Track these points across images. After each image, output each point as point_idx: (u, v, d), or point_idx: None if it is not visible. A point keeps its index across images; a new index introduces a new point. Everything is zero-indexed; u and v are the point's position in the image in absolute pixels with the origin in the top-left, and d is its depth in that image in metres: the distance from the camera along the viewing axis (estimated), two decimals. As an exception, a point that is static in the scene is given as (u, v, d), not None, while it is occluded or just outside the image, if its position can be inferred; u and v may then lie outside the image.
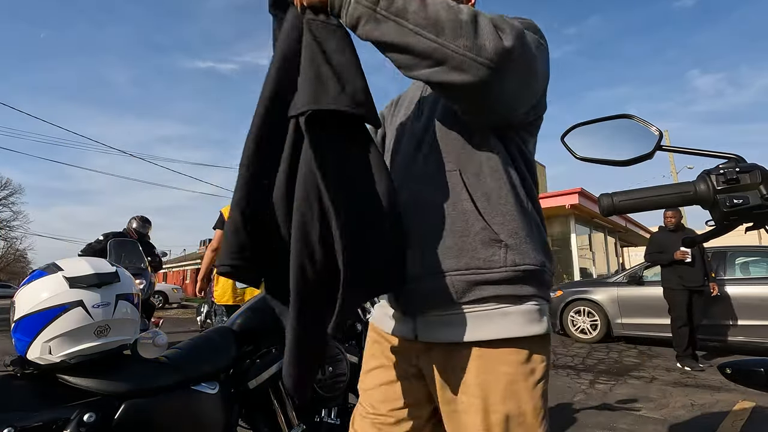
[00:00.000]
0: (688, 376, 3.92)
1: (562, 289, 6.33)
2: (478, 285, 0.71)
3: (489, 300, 0.72)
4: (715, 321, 4.75)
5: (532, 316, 0.72)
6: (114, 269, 1.06)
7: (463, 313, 0.72)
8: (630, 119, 0.69)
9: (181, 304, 14.99)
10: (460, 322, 0.72)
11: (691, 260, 4.21)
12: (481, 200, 0.73)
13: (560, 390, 3.49)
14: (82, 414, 0.87)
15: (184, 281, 28.80)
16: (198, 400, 1.07)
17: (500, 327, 0.71)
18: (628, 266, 13.20)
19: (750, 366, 0.67)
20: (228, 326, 1.27)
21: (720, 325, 4.75)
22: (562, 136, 0.74)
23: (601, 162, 0.68)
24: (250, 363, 1.22)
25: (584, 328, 5.86)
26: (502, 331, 0.70)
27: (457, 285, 0.72)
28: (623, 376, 3.93)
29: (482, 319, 0.71)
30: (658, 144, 0.64)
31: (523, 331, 0.71)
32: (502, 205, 0.73)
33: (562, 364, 4.52)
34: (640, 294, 5.43)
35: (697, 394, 3.34)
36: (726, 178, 0.56)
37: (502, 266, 0.71)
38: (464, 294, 0.72)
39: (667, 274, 4.45)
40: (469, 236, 0.72)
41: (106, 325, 0.98)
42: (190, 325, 8.00)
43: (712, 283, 4.48)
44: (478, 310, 0.72)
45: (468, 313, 0.72)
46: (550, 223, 12.34)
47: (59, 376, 0.92)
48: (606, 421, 2.74)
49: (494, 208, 0.73)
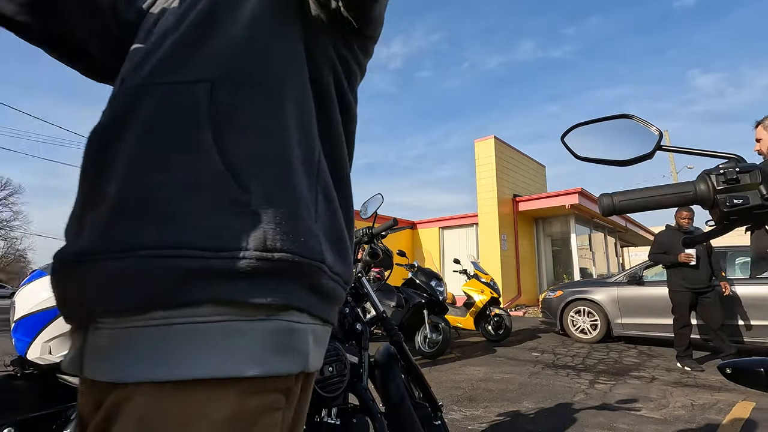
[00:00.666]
0: (688, 376, 3.93)
1: (562, 289, 6.33)
2: (188, 277, 0.39)
3: (203, 305, 0.39)
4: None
5: (280, 340, 0.42)
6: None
7: (152, 328, 0.39)
8: (630, 119, 0.69)
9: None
10: (144, 343, 0.39)
11: (696, 263, 4.18)
12: (231, 133, 0.44)
13: (560, 390, 3.49)
14: (82, 414, 0.87)
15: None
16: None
17: (218, 356, 0.39)
18: (628, 266, 13.20)
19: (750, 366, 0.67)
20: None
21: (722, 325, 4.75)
22: (562, 136, 0.74)
23: (601, 162, 0.68)
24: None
25: (584, 328, 5.86)
26: (220, 365, 0.38)
27: (152, 273, 0.39)
28: (623, 376, 3.93)
29: (186, 340, 0.39)
30: (658, 144, 0.64)
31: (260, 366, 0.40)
32: (268, 147, 0.45)
33: (562, 364, 4.52)
34: (640, 294, 5.43)
35: (697, 394, 3.34)
36: (726, 178, 0.56)
37: (237, 248, 0.40)
38: (162, 292, 0.39)
39: (671, 275, 4.43)
40: (191, 189, 0.41)
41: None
42: (190, 325, 7.99)
43: (724, 282, 4.40)
44: (180, 322, 0.39)
45: (162, 326, 0.39)
46: (550, 223, 12.35)
47: (59, 376, 0.92)
48: (606, 421, 2.74)
49: (252, 149, 0.44)
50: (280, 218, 0.43)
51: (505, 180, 11.64)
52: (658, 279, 5.57)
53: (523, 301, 11.20)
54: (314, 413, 1.27)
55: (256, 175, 0.44)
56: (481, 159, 11.56)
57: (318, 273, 0.45)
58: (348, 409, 1.37)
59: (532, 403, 3.12)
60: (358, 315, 1.62)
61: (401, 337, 1.69)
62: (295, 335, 0.44)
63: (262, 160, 0.45)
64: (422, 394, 1.75)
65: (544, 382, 3.77)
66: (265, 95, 0.48)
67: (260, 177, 0.44)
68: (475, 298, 5.83)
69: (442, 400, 1.80)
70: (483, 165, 11.48)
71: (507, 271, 10.82)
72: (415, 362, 1.72)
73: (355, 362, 1.45)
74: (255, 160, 0.44)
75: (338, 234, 0.50)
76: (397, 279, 5.57)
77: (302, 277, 0.44)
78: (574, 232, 11.38)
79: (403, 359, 1.70)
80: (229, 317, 0.40)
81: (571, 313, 6.02)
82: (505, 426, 2.67)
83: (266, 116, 0.47)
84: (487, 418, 2.80)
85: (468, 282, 6.07)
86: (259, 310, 0.41)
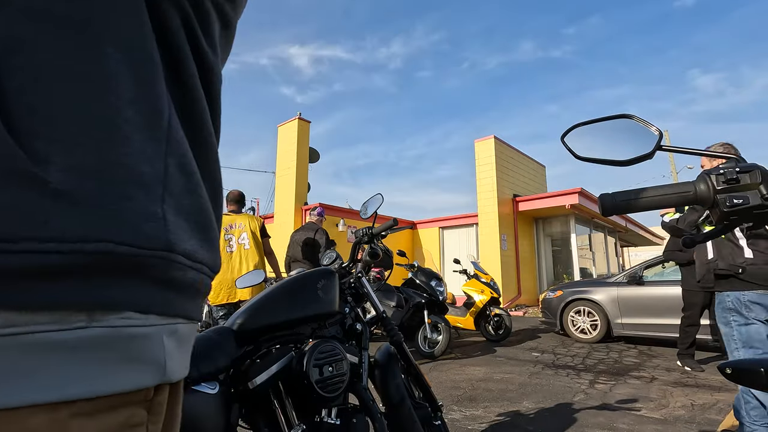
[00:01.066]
0: (688, 376, 3.92)
1: (562, 289, 6.33)
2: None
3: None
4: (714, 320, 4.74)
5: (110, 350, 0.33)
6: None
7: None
8: (630, 119, 0.69)
9: (181, 304, 14.97)
10: None
11: None
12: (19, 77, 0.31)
13: (560, 390, 3.49)
14: (82, 414, 0.87)
15: (184, 281, 28.77)
16: (198, 400, 1.07)
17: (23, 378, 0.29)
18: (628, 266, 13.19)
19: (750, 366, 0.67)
20: (228, 326, 1.27)
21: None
22: (562, 136, 0.74)
23: (601, 162, 0.68)
24: (250, 363, 1.22)
25: (584, 328, 5.86)
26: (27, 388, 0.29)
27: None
28: (623, 376, 3.93)
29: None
30: (658, 144, 0.64)
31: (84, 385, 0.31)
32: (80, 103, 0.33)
33: (562, 364, 4.52)
34: (640, 294, 5.43)
35: (697, 394, 3.34)
36: (726, 178, 0.56)
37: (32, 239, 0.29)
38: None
39: (685, 274, 4.36)
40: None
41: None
42: (190, 325, 8.00)
43: None
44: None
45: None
46: (550, 223, 12.35)
47: (59, 376, 0.92)
48: (606, 421, 2.74)
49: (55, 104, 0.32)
50: (99, 198, 0.32)
51: (505, 180, 11.64)
52: (657, 279, 5.57)
53: (523, 301, 11.20)
54: (314, 413, 1.27)
55: (60, 140, 0.31)
56: (481, 159, 11.55)
57: (165, 264, 0.36)
58: (348, 409, 1.37)
59: (532, 403, 3.12)
60: (358, 315, 1.62)
61: (401, 337, 1.69)
62: (136, 342, 0.35)
63: (71, 119, 0.32)
64: (422, 394, 1.75)
65: (544, 382, 3.77)
66: (77, 32, 0.34)
67: (67, 143, 0.32)
68: (475, 298, 5.83)
69: (442, 400, 1.80)
70: (483, 165, 11.48)
71: (507, 271, 10.81)
72: (415, 362, 1.72)
73: (355, 362, 1.45)
74: (59, 119, 0.32)
75: (201, 213, 0.41)
76: (397, 279, 5.57)
77: (139, 272, 0.35)
78: (574, 232, 11.38)
79: (403, 359, 1.70)
80: (28, 328, 0.29)
81: (571, 313, 6.02)
82: (505, 426, 2.67)
83: (79, 61, 0.34)
84: (487, 418, 2.80)
85: (468, 282, 6.07)
86: (73, 315, 0.31)
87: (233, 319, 1.29)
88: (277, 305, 1.36)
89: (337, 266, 1.68)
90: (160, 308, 0.37)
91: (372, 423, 1.40)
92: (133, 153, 0.35)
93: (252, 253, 3.49)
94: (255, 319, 1.30)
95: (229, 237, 3.47)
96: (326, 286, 1.46)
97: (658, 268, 5.90)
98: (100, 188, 0.33)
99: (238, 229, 3.50)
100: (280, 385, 1.23)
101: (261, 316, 1.31)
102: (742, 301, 2.09)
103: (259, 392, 1.19)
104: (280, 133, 12.13)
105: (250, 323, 1.28)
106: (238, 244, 3.48)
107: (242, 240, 3.49)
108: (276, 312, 1.34)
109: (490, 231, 10.98)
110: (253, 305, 1.34)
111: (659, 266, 5.91)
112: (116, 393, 0.33)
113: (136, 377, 0.34)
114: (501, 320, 5.79)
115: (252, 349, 1.27)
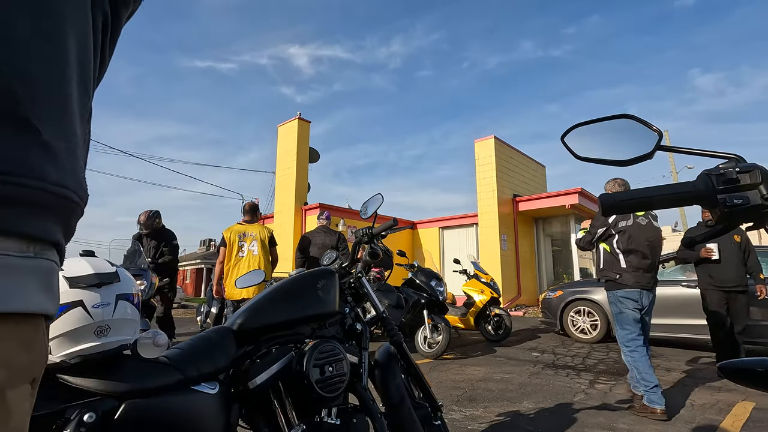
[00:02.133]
0: (689, 376, 3.93)
1: (562, 289, 6.33)
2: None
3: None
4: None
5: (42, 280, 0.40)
6: (114, 269, 1.06)
7: None
8: (630, 119, 0.69)
9: (181, 304, 14.98)
10: None
11: (718, 257, 4.05)
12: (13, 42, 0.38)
13: (560, 390, 3.49)
14: (82, 414, 0.87)
15: (184, 281, 28.81)
16: (198, 400, 1.07)
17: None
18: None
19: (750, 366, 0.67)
20: (228, 326, 1.27)
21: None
22: (562, 136, 0.74)
23: (601, 162, 0.68)
24: (250, 363, 1.22)
25: (584, 328, 5.86)
26: None
27: None
28: (623, 376, 3.93)
29: None
30: (658, 144, 0.64)
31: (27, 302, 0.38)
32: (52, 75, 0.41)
33: (562, 364, 4.52)
34: (640, 294, 5.43)
35: (697, 394, 3.34)
36: (726, 178, 0.56)
37: (19, 174, 0.37)
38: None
39: (699, 273, 4.28)
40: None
41: (106, 325, 0.98)
42: (190, 325, 8.00)
43: (759, 286, 4.15)
44: None
45: None
46: (550, 223, 12.35)
47: (59, 376, 0.92)
48: (606, 421, 2.74)
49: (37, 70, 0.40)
50: (67, 155, 0.41)
51: (505, 180, 11.63)
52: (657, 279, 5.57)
53: (523, 301, 11.20)
54: (314, 413, 1.27)
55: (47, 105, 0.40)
56: (481, 159, 11.55)
57: (76, 215, 0.45)
58: (348, 409, 1.37)
59: (532, 403, 3.12)
60: (358, 315, 1.62)
61: (401, 337, 1.69)
62: (53, 275, 0.42)
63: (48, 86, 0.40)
64: (422, 394, 1.75)
65: (544, 382, 3.77)
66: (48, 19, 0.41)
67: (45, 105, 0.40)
68: (475, 298, 5.83)
69: (442, 400, 1.80)
70: (483, 165, 11.48)
71: (507, 271, 10.81)
72: (415, 362, 1.72)
73: (355, 362, 1.45)
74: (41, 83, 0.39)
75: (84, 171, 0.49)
76: (397, 279, 5.57)
77: (66, 217, 0.43)
78: (574, 232, 11.37)
79: (403, 359, 1.70)
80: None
81: (571, 313, 6.02)
82: (505, 426, 2.67)
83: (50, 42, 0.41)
84: (487, 418, 2.80)
85: (468, 282, 6.07)
86: (31, 246, 0.39)
87: (233, 319, 1.29)
88: (277, 305, 1.36)
89: (337, 266, 1.68)
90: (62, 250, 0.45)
91: (372, 423, 1.40)
92: (77, 127, 0.44)
93: (259, 259, 4.05)
94: (255, 319, 1.30)
95: (242, 244, 4.07)
96: (326, 286, 1.46)
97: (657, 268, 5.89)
98: (67, 146, 0.42)
99: (249, 238, 4.10)
100: (280, 385, 1.23)
101: (261, 316, 1.31)
102: (618, 296, 3.03)
103: (259, 392, 1.19)
104: (280, 133, 12.13)
105: (250, 323, 1.28)
106: (248, 250, 4.06)
107: (252, 247, 4.07)
108: (276, 312, 1.34)
109: (490, 231, 10.98)
110: (253, 305, 1.34)
111: (659, 266, 5.90)
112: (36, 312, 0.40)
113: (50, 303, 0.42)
114: (501, 320, 5.78)
115: (252, 349, 1.27)
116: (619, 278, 3.01)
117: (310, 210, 10.93)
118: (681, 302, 5.07)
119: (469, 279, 6.10)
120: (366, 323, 1.60)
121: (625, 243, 3.01)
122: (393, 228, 1.77)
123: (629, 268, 2.98)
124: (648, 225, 3.06)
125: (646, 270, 2.99)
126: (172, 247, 4.89)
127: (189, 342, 1.18)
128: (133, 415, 0.94)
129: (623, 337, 3.00)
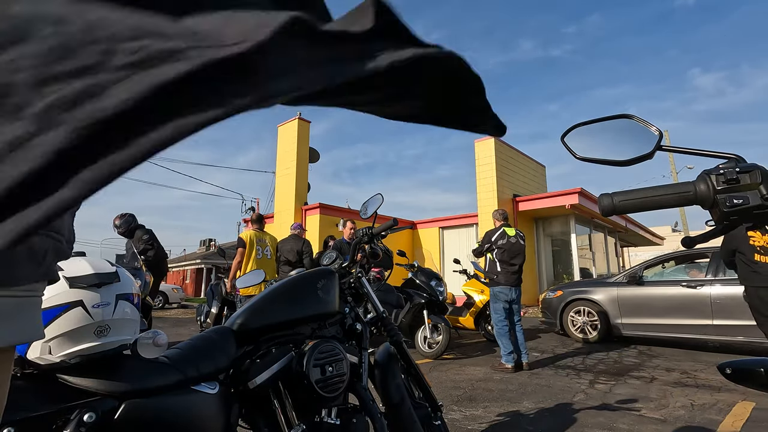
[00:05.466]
0: (689, 376, 3.92)
1: (562, 289, 6.33)
2: None
3: None
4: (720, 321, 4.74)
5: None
6: (114, 269, 1.06)
7: None
8: (630, 119, 0.69)
9: (181, 304, 14.98)
10: None
11: None
12: None
13: (560, 390, 3.49)
14: (82, 414, 0.87)
15: (184, 281, 28.80)
16: (198, 400, 1.07)
17: None
18: (628, 266, 13.19)
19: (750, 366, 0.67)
20: (228, 326, 1.27)
21: (722, 326, 4.75)
22: (562, 136, 0.74)
23: (601, 162, 0.68)
24: (250, 363, 1.22)
25: (584, 328, 5.86)
26: None
27: None
28: (623, 376, 3.93)
29: None
30: (658, 144, 0.64)
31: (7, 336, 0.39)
32: None
33: (562, 364, 4.52)
34: (640, 294, 5.43)
35: (697, 394, 3.34)
36: (726, 178, 0.56)
37: None
38: None
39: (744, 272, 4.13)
40: None
41: (106, 325, 0.98)
42: (190, 325, 8.00)
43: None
44: None
45: None
46: (550, 223, 12.35)
47: (59, 376, 0.92)
48: (606, 421, 2.74)
49: None
50: None
51: (505, 180, 11.63)
52: (657, 279, 5.57)
53: (523, 301, 11.18)
54: (314, 413, 1.27)
55: None
56: (481, 159, 11.55)
57: None
58: (348, 409, 1.37)
59: (532, 403, 3.12)
60: (358, 315, 1.62)
61: (401, 337, 1.69)
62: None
63: None
64: (422, 394, 1.75)
65: (544, 382, 3.77)
66: None
67: None
68: (475, 298, 5.82)
69: (442, 400, 1.80)
70: (483, 165, 11.47)
71: (507, 271, 10.79)
72: (415, 362, 1.72)
73: (355, 362, 1.45)
74: None
75: None
76: (397, 279, 5.56)
77: None
78: (574, 232, 11.37)
79: (403, 359, 1.70)
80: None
81: (571, 313, 6.02)
82: (505, 426, 2.67)
83: None
84: (487, 418, 2.80)
85: (468, 282, 6.07)
86: None
87: (233, 319, 1.29)
88: (277, 305, 1.36)
89: (337, 266, 1.68)
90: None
91: (372, 423, 1.40)
92: None
93: (271, 261, 4.98)
94: (255, 319, 1.30)
95: (259, 248, 4.91)
96: (326, 286, 1.46)
97: (658, 268, 5.90)
98: None
99: (264, 243, 5.01)
100: (280, 385, 1.23)
101: (261, 316, 1.31)
102: (495, 291, 4.34)
103: (259, 392, 1.19)
104: (280, 133, 12.13)
105: (250, 323, 1.28)
106: (263, 254, 4.93)
107: (266, 251, 4.99)
108: (276, 312, 1.34)
109: (490, 231, 10.96)
110: (253, 305, 1.34)
111: (659, 266, 5.91)
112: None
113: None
114: (501, 320, 5.78)
115: (252, 349, 1.27)
116: (496, 278, 4.31)
117: (310, 210, 10.93)
118: (681, 302, 5.07)
119: (469, 279, 6.10)
120: (366, 323, 1.60)
121: (501, 255, 4.33)
122: (393, 228, 1.77)
123: (503, 271, 4.29)
124: (516, 243, 4.37)
125: (513, 273, 4.29)
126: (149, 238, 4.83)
127: (189, 342, 1.18)
128: (133, 415, 0.94)
129: (495, 319, 4.30)
